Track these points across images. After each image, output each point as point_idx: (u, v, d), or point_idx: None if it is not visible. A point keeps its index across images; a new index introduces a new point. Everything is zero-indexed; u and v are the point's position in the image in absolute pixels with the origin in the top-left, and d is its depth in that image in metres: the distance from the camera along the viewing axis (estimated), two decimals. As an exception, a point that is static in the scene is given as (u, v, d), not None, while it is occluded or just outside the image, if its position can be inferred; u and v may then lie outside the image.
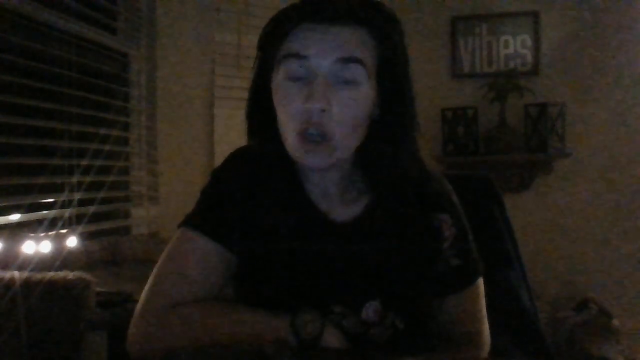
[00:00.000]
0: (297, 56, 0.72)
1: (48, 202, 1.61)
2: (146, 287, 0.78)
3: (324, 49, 0.72)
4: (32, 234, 1.43)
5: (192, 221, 0.81)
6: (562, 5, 2.81)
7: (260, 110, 0.80)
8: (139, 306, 0.77)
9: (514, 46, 2.86)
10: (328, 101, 0.71)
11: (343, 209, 0.83)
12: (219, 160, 0.87)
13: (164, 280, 0.77)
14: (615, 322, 2.44)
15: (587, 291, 2.67)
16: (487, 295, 0.90)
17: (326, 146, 0.73)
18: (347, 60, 0.72)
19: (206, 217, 0.81)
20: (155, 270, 0.79)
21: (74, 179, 1.69)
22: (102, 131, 1.84)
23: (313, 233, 0.81)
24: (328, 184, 0.82)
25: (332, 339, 0.73)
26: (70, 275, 1.15)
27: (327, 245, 0.80)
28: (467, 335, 0.86)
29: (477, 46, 2.90)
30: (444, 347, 0.84)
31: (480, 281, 0.88)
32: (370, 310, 0.78)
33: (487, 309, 0.89)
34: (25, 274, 1.13)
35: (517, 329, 1.09)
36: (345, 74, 0.72)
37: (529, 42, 2.84)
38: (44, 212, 1.58)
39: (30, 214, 1.53)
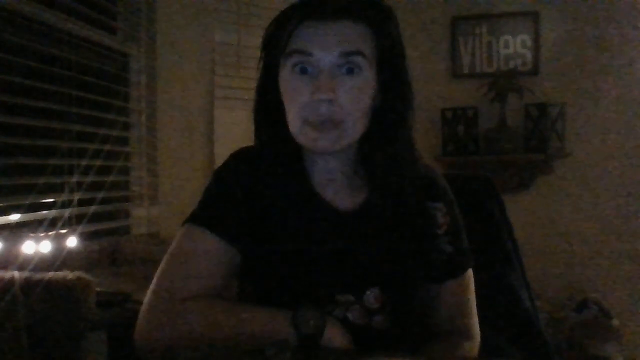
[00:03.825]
0: (302, 53, 0.77)
1: (48, 202, 1.61)
2: (153, 282, 0.80)
3: (327, 45, 0.76)
4: (32, 234, 1.43)
5: (197, 218, 0.83)
6: (562, 5, 2.81)
7: (267, 105, 0.84)
8: (145, 300, 0.79)
9: (514, 46, 2.86)
10: (334, 91, 0.75)
11: (346, 198, 0.85)
12: (219, 160, 0.88)
13: (170, 276, 0.79)
14: (615, 322, 2.44)
15: (587, 291, 2.67)
16: (487, 295, 0.90)
17: (336, 130, 0.77)
18: (349, 53, 0.76)
19: (210, 213, 0.83)
20: (161, 265, 0.81)
21: (74, 179, 1.69)
22: (102, 131, 1.84)
23: (317, 221, 0.83)
24: (333, 172, 0.85)
25: (333, 335, 0.73)
26: (70, 275, 1.15)
27: (330, 234, 0.82)
28: (458, 326, 0.88)
29: (477, 46, 2.90)
30: (437, 339, 0.86)
31: (470, 273, 0.90)
32: (371, 297, 0.80)
33: (487, 309, 0.90)
34: (25, 274, 1.13)
35: (517, 329, 1.09)
36: (348, 65, 0.77)
37: (529, 42, 2.84)
38: (44, 212, 1.58)
39: (30, 214, 1.53)
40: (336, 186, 0.85)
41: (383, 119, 0.82)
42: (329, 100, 0.75)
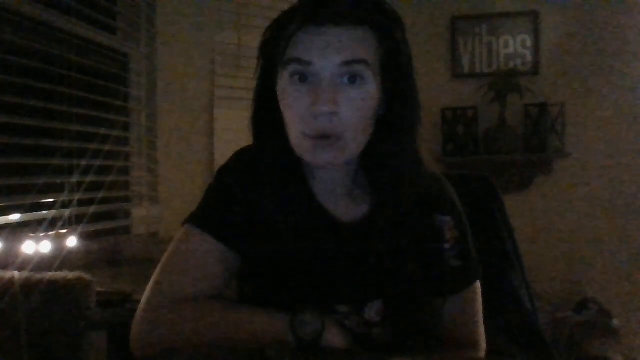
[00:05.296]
0: (301, 61, 0.72)
1: (48, 202, 1.61)
2: (150, 283, 0.78)
3: (327, 53, 0.71)
4: (32, 234, 1.44)
5: (196, 219, 0.81)
6: (562, 5, 2.81)
7: (266, 114, 0.80)
8: (142, 301, 0.77)
9: (514, 46, 2.86)
10: (335, 103, 0.71)
11: (349, 209, 0.83)
12: (219, 160, 0.87)
13: (167, 277, 0.78)
14: (615, 322, 2.44)
15: (587, 291, 2.68)
16: (487, 295, 0.90)
17: (337, 145, 0.74)
18: (351, 62, 0.72)
19: (210, 215, 0.81)
20: (159, 266, 0.80)
21: (74, 179, 1.69)
22: (102, 131, 1.84)
23: (319, 232, 0.81)
24: (334, 183, 0.83)
25: (333, 338, 0.73)
26: (70, 275, 1.15)
27: (333, 245, 0.80)
28: (464, 337, 0.86)
29: (477, 46, 2.90)
30: (442, 349, 0.84)
31: (478, 284, 0.88)
32: (373, 310, 0.78)
33: (487, 309, 0.89)
34: (25, 274, 1.13)
35: (517, 329, 1.09)
36: (350, 74, 0.72)
37: (529, 42, 2.84)
38: (44, 212, 1.58)
39: (30, 214, 1.53)
40: (338, 196, 0.83)
41: (387, 129, 0.78)
42: (330, 112, 0.71)
